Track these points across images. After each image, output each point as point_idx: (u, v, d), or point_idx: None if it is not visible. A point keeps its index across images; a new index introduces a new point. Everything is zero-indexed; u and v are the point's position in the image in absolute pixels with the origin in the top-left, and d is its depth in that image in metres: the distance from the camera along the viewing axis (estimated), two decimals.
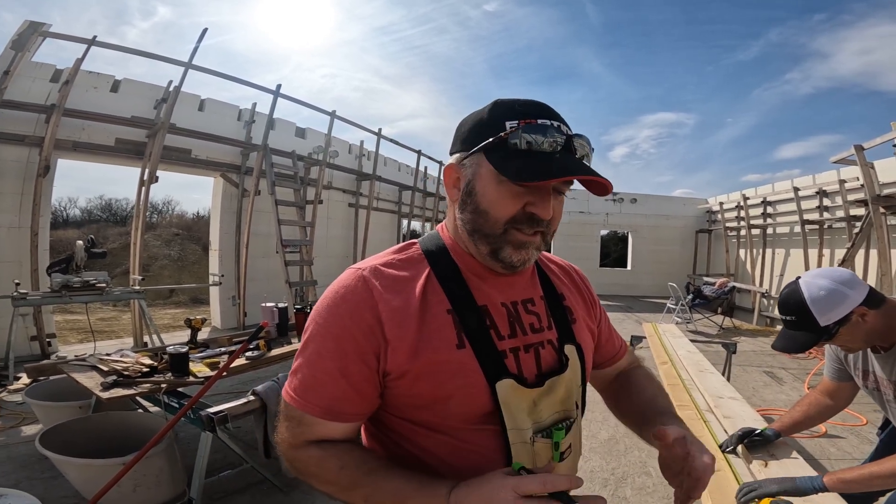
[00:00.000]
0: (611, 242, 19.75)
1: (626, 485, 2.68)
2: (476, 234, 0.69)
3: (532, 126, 0.64)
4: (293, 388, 0.69)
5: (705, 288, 8.76)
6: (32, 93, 5.11)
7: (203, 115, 6.77)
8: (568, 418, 0.72)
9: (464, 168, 0.70)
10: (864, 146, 5.81)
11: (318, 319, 0.69)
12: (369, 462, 0.67)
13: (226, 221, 7.31)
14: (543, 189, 0.66)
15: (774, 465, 1.65)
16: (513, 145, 0.64)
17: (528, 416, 0.68)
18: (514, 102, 0.67)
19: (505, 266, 0.70)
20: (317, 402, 0.66)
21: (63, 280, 4.42)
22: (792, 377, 5.08)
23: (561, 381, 0.72)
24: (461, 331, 0.68)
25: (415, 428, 0.69)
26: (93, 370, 2.48)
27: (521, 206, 0.66)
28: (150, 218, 17.75)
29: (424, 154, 11.10)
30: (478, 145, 0.67)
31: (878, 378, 1.37)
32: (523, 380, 0.68)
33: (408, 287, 0.69)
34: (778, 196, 9.00)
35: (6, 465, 2.66)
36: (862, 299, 1.25)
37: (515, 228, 0.67)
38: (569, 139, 0.66)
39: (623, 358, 0.98)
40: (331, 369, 0.66)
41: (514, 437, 0.66)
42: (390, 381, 0.67)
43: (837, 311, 1.25)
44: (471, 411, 0.67)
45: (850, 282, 1.28)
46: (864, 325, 1.27)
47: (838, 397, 1.58)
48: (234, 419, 2.14)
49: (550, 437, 0.69)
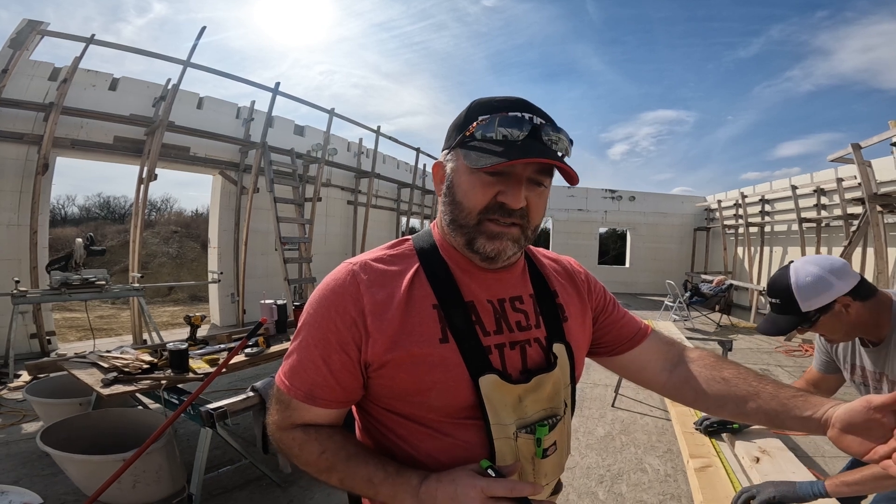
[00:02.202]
0: (609, 240, 19.80)
1: (621, 481, 2.70)
2: (453, 224, 0.72)
3: (497, 117, 0.67)
4: (283, 372, 0.72)
5: (703, 286, 8.78)
6: (31, 91, 5.11)
7: (202, 112, 6.77)
8: (554, 416, 0.73)
9: (446, 164, 0.74)
10: (862, 145, 5.82)
11: (310, 310, 0.72)
12: (348, 448, 0.70)
13: (225, 219, 7.32)
14: (514, 178, 0.67)
15: (766, 461, 1.67)
16: (479, 137, 0.68)
17: (513, 411, 0.69)
18: (492, 99, 0.70)
19: (482, 258, 0.71)
20: (300, 387, 0.70)
21: (62, 278, 4.43)
22: (788, 375, 5.10)
23: (548, 379, 0.72)
24: (445, 325, 0.69)
25: (399, 420, 0.71)
26: (93, 367, 2.50)
27: (492, 195, 0.68)
28: (149, 216, 17.75)
29: (423, 151, 11.11)
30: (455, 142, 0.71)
31: (865, 372, 1.38)
32: (507, 376, 0.70)
33: (394, 281, 0.71)
34: (776, 194, 9.03)
35: (7, 462, 2.68)
36: (848, 290, 1.24)
37: (489, 219, 0.69)
38: (535, 128, 0.67)
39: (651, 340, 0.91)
40: (315, 357, 0.69)
41: (497, 432, 0.68)
42: (372, 371, 0.69)
43: (820, 298, 1.25)
44: (452, 404, 0.68)
45: (840, 271, 1.26)
46: (847, 316, 1.26)
47: (822, 389, 1.58)
48: (233, 415, 2.16)
49: (534, 433, 0.70)
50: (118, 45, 5.67)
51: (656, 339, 0.92)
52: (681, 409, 2.35)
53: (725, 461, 1.76)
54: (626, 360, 0.91)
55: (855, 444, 0.66)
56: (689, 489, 2.55)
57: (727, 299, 8.80)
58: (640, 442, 3.26)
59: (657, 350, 0.90)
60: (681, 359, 0.89)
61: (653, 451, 3.12)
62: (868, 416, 0.65)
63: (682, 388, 0.86)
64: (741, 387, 0.79)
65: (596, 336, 0.90)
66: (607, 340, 0.91)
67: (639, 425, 3.54)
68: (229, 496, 2.43)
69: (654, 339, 0.92)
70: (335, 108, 8.24)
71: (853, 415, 0.66)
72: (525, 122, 0.67)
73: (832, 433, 0.69)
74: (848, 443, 0.67)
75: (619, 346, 0.90)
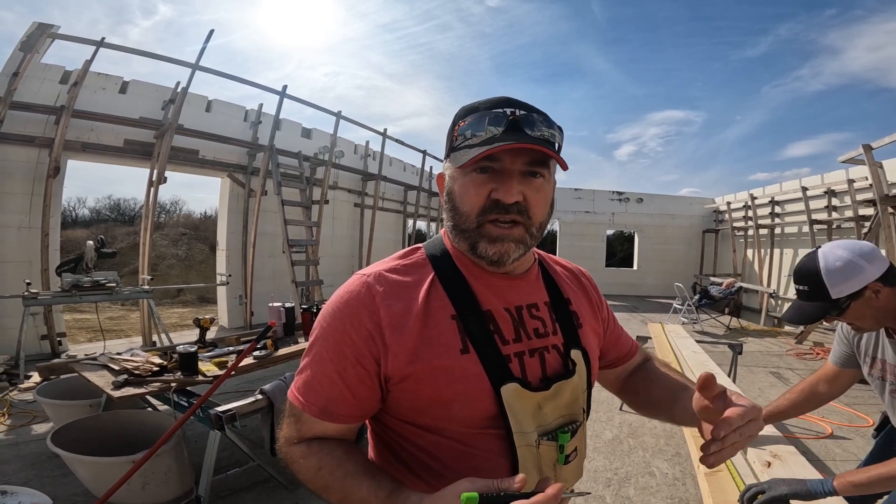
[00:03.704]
0: (617, 242, 19.70)
1: (629, 484, 2.69)
2: (456, 230, 0.72)
3: (477, 116, 0.68)
4: (296, 387, 0.71)
5: (712, 288, 8.71)
6: (42, 94, 5.17)
7: (210, 115, 6.83)
8: (574, 422, 0.73)
9: (445, 173, 0.75)
10: (873, 146, 5.75)
11: (323, 323, 0.70)
12: (346, 465, 0.66)
13: (233, 221, 7.37)
14: (505, 173, 0.67)
15: (777, 464, 1.65)
16: (464, 137, 0.69)
17: (533, 419, 0.68)
18: (476, 103, 0.71)
19: (487, 262, 0.71)
20: (314, 402, 0.68)
21: (73, 280, 4.48)
22: (798, 378, 5.05)
23: (567, 386, 0.72)
24: (465, 336, 0.68)
25: (419, 431, 0.70)
26: (104, 369, 2.52)
27: (486, 194, 0.67)
28: (159, 218, 17.88)
29: (430, 154, 11.12)
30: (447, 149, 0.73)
31: (886, 365, 1.33)
32: (527, 384, 0.69)
33: (411, 292, 0.70)
34: (786, 196, 8.94)
35: (17, 463, 2.70)
36: (879, 275, 1.19)
37: (489, 222, 0.68)
38: (515, 119, 0.67)
39: (636, 355, 0.97)
40: (329, 372, 0.68)
41: (520, 440, 0.67)
42: (392, 385, 0.68)
43: (851, 283, 1.20)
44: (474, 415, 0.67)
45: (870, 255, 1.21)
46: (877, 302, 1.21)
47: (835, 385, 1.53)
48: (241, 418, 2.16)
49: (556, 440, 0.70)
50: (128, 48, 5.74)
51: (639, 354, 0.99)
52: None
53: (732, 466, 1.74)
54: (607, 374, 0.96)
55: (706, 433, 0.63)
56: (697, 493, 2.53)
57: (737, 302, 8.74)
58: (648, 445, 3.23)
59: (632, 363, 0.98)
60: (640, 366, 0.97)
61: (661, 454, 3.09)
62: (700, 402, 0.63)
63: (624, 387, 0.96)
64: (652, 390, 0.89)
65: (601, 349, 0.90)
66: (606, 354, 0.92)
67: (647, 428, 3.52)
68: (237, 498, 2.44)
69: (639, 354, 0.99)
70: (341, 111, 8.29)
71: (695, 402, 0.64)
72: (504, 116, 0.67)
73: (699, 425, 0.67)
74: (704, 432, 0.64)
75: (615, 362, 0.94)
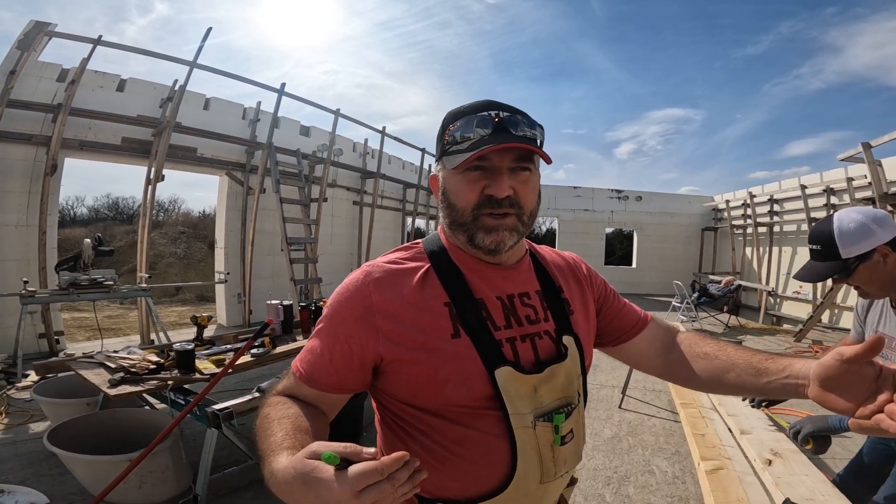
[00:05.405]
0: (616, 240, 19.72)
1: (629, 483, 2.68)
2: (453, 225, 0.77)
3: (465, 119, 0.74)
4: (299, 356, 0.79)
5: (711, 286, 8.71)
6: (39, 92, 5.15)
7: (208, 113, 6.81)
8: (569, 404, 0.77)
9: (439, 174, 0.81)
10: (872, 144, 5.75)
11: (329, 305, 0.78)
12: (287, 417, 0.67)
13: (231, 219, 7.35)
14: (496, 171, 0.73)
15: (778, 463, 1.65)
16: (454, 141, 0.74)
17: (529, 401, 0.72)
18: (462, 107, 0.77)
19: (484, 251, 0.76)
20: (305, 368, 0.76)
21: (71, 278, 4.46)
22: None
23: (561, 369, 0.76)
24: (457, 322, 0.73)
25: (419, 413, 0.74)
26: (100, 367, 2.51)
27: (479, 191, 0.73)
28: (157, 216, 17.88)
29: (428, 152, 11.10)
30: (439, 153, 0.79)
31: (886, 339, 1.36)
32: (521, 367, 0.73)
33: (406, 280, 0.76)
34: (785, 194, 8.94)
35: (14, 461, 2.69)
36: (888, 239, 1.25)
37: (484, 214, 0.74)
38: (500, 121, 0.72)
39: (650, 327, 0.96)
40: (323, 347, 0.75)
41: (516, 422, 0.71)
42: (385, 365, 0.73)
43: (861, 245, 1.25)
44: (469, 395, 0.71)
45: (882, 220, 1.27)
46: (885, 266, 1.26)
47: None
48: (238, 416, 2.16)
49: (551, 420, 0.74)
50: (125, 46, 5.72)
51: (654, 325, 0.97)
52: (690, 411, 2.32)
53: (731, 466, 1.74)
54: (628, 349, 0.96)
55: (839, 402, 0.64)
56: (697, 491, 2.53)
57: (735, 300, 8.73)
58: (647, 443, 3.23)
59: (655, 337, 0.96)
60: (674, 342, 0.94)
61: (660, 452, 3.09)
62: (843, 369, 0.62)
63: (675, 371, 0.91)
64: (721, 358, 0.84)
65: (599, 326, 0.94)
66: (610, 330, 0.95)
67: (646, 427, 3.52)
68: (234, 496, 2.43)
69: (653, 326, 0.97)
70: (339, 109, 8.27)
71: (828, 370, 0.64)
72: (489, 119, 0.72)
73: (813, 392, 0.67)
74: (832, 401, 0.64)
75: (622, 336, 0.95)
